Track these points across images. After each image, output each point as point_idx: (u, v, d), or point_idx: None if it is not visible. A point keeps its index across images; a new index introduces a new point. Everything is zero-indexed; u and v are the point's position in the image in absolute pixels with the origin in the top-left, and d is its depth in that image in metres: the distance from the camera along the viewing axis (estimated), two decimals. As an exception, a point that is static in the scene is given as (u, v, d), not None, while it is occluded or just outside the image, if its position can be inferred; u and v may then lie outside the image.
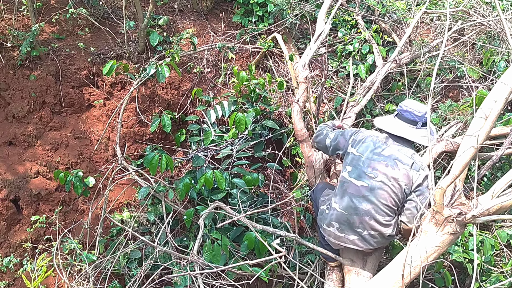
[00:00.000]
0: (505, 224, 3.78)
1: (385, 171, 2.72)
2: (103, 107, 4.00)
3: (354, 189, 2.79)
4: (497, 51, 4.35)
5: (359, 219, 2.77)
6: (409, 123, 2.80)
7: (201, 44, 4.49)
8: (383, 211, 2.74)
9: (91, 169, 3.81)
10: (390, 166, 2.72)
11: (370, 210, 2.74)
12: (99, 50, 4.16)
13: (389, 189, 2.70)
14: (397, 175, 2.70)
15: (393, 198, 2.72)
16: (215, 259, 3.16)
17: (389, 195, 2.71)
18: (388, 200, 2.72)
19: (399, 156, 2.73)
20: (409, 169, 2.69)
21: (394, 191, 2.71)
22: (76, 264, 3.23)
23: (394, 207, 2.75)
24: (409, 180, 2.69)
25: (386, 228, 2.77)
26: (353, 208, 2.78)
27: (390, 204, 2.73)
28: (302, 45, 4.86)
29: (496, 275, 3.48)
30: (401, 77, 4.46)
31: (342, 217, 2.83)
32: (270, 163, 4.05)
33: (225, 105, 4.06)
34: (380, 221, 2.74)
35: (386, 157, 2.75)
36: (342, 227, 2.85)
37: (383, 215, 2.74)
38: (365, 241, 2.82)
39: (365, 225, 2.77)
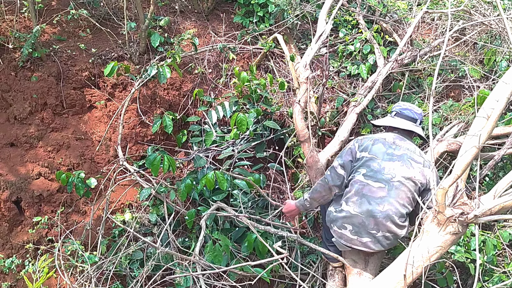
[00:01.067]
0: (508, 224, 3.77)
1: (401, 170, 2.74)
2: (105, 108, 4.00)
3: (371, 191, 2.76)
4: (498, 50, 4.35)
5: (375, 221, 2.73)
6: (410, 120, 2.89)
7: (202, 45, 4.49)
8: (400, 212, 2.73)
9: (93, 170, 3.82)
10: (406, 166, 2.75)
11: (388, 212, 2.71)
12: (101, 51, 4.16)
13: (406, 188, 2.73)
14: (412, 174, 2.74)
15: (409, 197, 2.75)
16: (217, 259, 3.16)
17: (405, 195, 2.74)
18: (405, 199, 2.74)
19: (412, 155, 2.79)
20: (422, 167, 2.76)
21: (411, 190, 2.74)
22: (78, 265, 3.23)
23: (409, 207, 2.77)
24: (424, 178, 2.76)
25: (401, 229, 2.77)
26: (370, 210, 2.73)
27: (406, 203, 2.75)
28: (303, 46, 4.86)
29: (498, 275, 3.47)
30: (402, 77, 4.46)
31: (357, 219, 2.77)
32: (272, 164, 4.05)
33: (226, 106, 4.06)
34: (397, 222, 2.73)
35: (399, 156, 2.78)
36: (355, 230, 2.79)
37: (400, 216, 2.73)
38: (378, 243, 2.77)
39: (380, 227, 2.73)
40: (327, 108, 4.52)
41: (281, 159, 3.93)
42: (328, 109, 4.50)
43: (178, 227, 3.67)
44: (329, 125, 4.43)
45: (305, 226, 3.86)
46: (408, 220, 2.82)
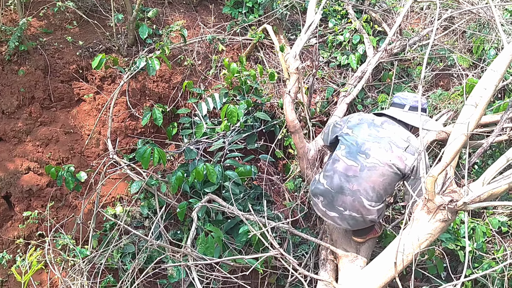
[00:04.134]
0: (496, 211, 3.82)
1: (378, 153, 2.72)
2: (93, 102, 3.96)
3: (344, 168, 2.80)
4: (487, 39, 4.37)
5: (343, 198, 2.77)
6: (397, 107, 2.88)
7: (191, 36, 4.45)
8: (368, 194, 2.73)
9: (83, 164, 3.79)
10: (384, 149, 2.72)
11: (356, 192, 2.74)
12: (88, 43, 4.11)
13: (380, 172, 2.71)
14: (390, 157, 2.70)
15: (382, 181, 2.71)
16: (209, 251, 3.17)
17: (378, 178, 2.71)
18: (376, 182, 2.72)
19: (394, 138, 2.74)
20: (403, 152, 2.69)
21: (385, 174, 2.70)
22: (70, 259, 3.21)
23: (381, 191, 2.74)
24: (402, 164, 2.69)
25: (369, 213, 2.76)
26: (340, 187, 2.78)
27: (378, 188, 2.72)
28: (292, 36, 4.85)
29: (488, 261, 3.51)
30: (392, 66, 4.47)
31: (327, 193, 2.85)
32: (263, 155, 4.05)
33: (216, 98, 4.05)
34: (364, 204, 2.73)
35: (380, 138, 2.76)
36: (325, 202, 2.87)
37: (369, 198, 2.73)
38: (345, 220, 2.82)
39: (348, 205, 2.77)
40: (318, 98, 4.52)
41: (271, 151, 3.93)
42: (319, 100, 4.50)
43: (170, 220, 3.67)
44: (320, 115, 4.43)
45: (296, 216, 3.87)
46: (381, 205, 2.79)
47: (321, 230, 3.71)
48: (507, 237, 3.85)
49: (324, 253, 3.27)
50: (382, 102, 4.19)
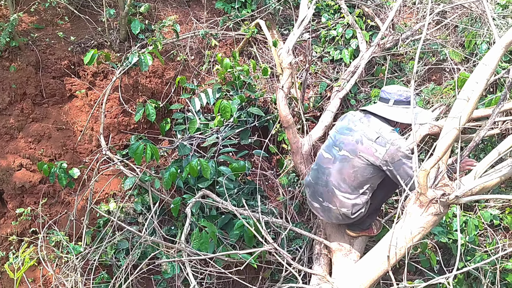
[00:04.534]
0: (488, 205, 3.85)
1: (351, 145, 2.75)
2: (85, 98, 3.94)
3: (321, 160, 2.92)
4: (479, 33, 4.38)
5: (321, 189, 2.89)
6: (382, 102, 2.83)
7: (183, 32, 4.43)
8: (341, 186, 2.77)
9: (75, 161, 3.77)
10: (355, 141, 2.74)
11: (328, 183, 2.82)
12: (80, 39, 4.08)
13: (351, 164, 2.73)
14: (360, 149, 2.71)
15: (353, 173, 2.73)
16: (204, 246, 3.17)
17: (349, 170, 2.74)
18: (346, 174, 2.75)
19: (367, 130, 2.74)
20: (372, 143, 2.68)
21: (356, 166, 2.71)
22: (63, 256, 3.21)
23: (353, 183, 2.75)
24: (372, 155, 2.68)
25: (343, 206, 2.80)
26: (318, 178, 2.92)
27: (348, 179, 2.75)
28: (285, 31, 4.84)
29: (480, 254, 3.55)
30: (384, 61, 4.48)
31: (310, 185, 3.00)
32: (257, 150, 4.05)
33: (209, 93, 4.04)
34: (336, 195, 2.79)
35: (355, 132, 2.78)
36: (310, 193, 3.03)
37: (341, 190, 2.78)
38: (325, 212, 2.93)
39: (325, 196, 2.87)
40: (311, 93, 4.52)
41: (265, 146, 3.93)
42: (312, 95, 4.51)
43: (164, 216, 3.67)
44: (313, 110, 4.44)
45: (291, 211, 3.88)
46: (358, 199, 2.78)
47: (315, 224, 3.72)
48: (499, 230, 3.88)
49: (318, 248, 3.28)
50: (375, 97, 4.20)
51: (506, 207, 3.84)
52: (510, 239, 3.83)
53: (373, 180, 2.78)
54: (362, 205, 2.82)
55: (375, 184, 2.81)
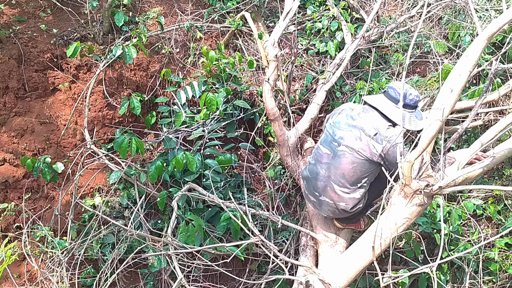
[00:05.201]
0: (472, 195, 3.91)
1: (349, 140, 2.75)
2: (69, 91, 3.89)
3: (319, 155, 2.91)
4: (462, 25, 4.42)
5: (318, 184, 2.89)
6: (391, 100, 2.78)
7: (168, 24, 4.40)
8: (339, 181, 2.79)
9: (59, 155, 3.73)
10: (354, 137, 2.74)
11: (327, 178, 2.83)
12: (62, 31, 4.02)
13: (349, 159, 2.73)
14: (359, 145, 2.71)
15: (352, 168, 2.74)
16: (190, 240, 3.17)
17: (347, 165, 2.74)
18: (346, 169, 2.75)
19: (365, 126, 2.74)
20: (369, 139, 2.70)
21: (354, 161, 2.73)
22: (48, 251, 3.18)
23: (351, 178, 2.77)
24: (370, 151, 2.69)
25: (341, 200, 2.82)
26: (315, 173, 2.91)
27: (347, 174, 2.76)
28: (271, 23, 4.83)
29: (463, 244, 3.61)
30: (369, 53, 4.50)
31: (308, 178, 3.01)
32: (243, 143, 4.05)
33: (195, 86, 4.02)
34: (335, 190, 2.81)
35: (354, 126, 2.77)
36: (307, 187, 3.04)
37: (339, 184, 2.79)
38: (321, 206, 2.94)
39: (321, 191, 2.88)
40: (297, 86, 4.53)
41: (251, 139, 3.93)
42: (298, 87, 4.51)
43: (150, 210, 3.65)
44: (299, 103, 4.45)
45: (278, 204, 3.90)
46: (356, 193, 2.81)
47: (301, 216, 3.74)
48: (482, 220, 3.95)
49: (305, 239, 3.31)
50: (360, 89, 4.22)
51: (489, 197, 3.91)
52: (493, 229, 3.90)
53: (371, 175, 2.80)
54: (360, 199, 2.84)
55: (372, 178, 2.83)
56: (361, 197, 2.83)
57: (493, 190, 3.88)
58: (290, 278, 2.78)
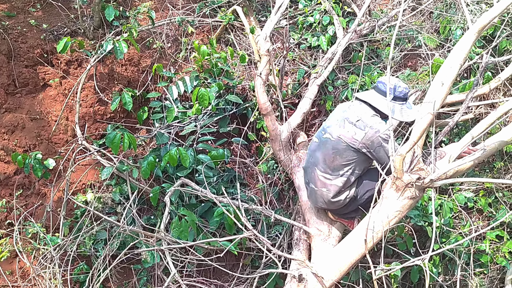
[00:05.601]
0: (463, 188, 3.94)
1: (333, 128, 2.85)
2: (60, 87, 3.86)
3: (311, 146, 3.07)
4: (453, 19, 4.44)
5: (308, 172, 3.05)
6: (381, 94, 2.83)
7: (159, 19, 4.37)
8: (322, 166, 2.90)
9: (50, 151, 3.70)
10: (338, 125, 2.82)
11: (312, 164, 2.98)
12: (52, 27, 3.98)
13: (331, 145, 2.83)
14: (341, 131, 2.79)
15: (332, 154, 2.82)
16: (183, 235, 3.17)
17: (329, 151, 2.84)
18: (327, 155, 2.86)
19: (349, 115, 2.81)
20: (351, 126, 2.76)
21: (335, 148, 2.80)
22: (41, 247, 3.16)
23: (332, 164, 2.84)
24: (351, 137, 2.75)
25: (323, 185, 2.91)
26: (308, 162, 3.05)
27: (328, 160, 2.85)
28: (263, 18, 4.81)
29: (455, 236, 3.64)
30: (361, 47, 4.50)
31: (305, 169, 3.13)
32: (236, 138, 4.04)
33: (187, 81, 4.00)
34: (318, 176, 2.93)
35: (341, 116, 2.85)
36: (304, 177, 3.17)
37: (321, 170, 2.91)
38: (311, 195, 3.06)
39: (311, 179, 3.01)
40: (289, 80, 4.53)
41: (244, 134, 3.93)
42: (290, 82, 4.51)
43: (143, 205, 3.64)
44: (291, 97, 4.45)
45: (271, 198, 3.90)
46: (337, 180, 2.86)
47: (294, 210, 3.75)
48: (473, 212, 3.98)
49: (297, 233, 3.32)
50: (352, 83, 4.23)
51: (480, 190, 3.94)
52: (484, 221, 3.94)
53: (354, 165, 2.82)
54: (342, 188, 2.87)
55: (356, 168, 2.85)
56: (343, 186, 2.87)
57: (484, 183, 3.91)
58: (283, 272, 2.79)
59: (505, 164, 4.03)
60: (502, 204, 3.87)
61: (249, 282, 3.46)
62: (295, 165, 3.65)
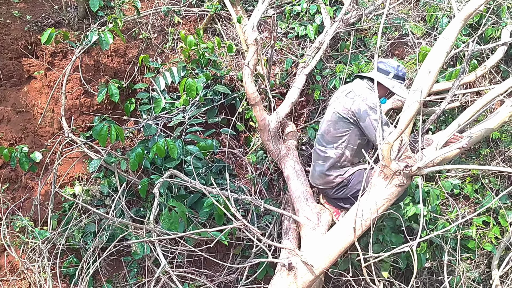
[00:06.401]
0: (449, 175, 3.99)
1: (332, 102, 3.12)
2: (45, 78, 3.80)
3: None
4: (439, 7, 4.45)
5: (313, 150, 3.26)
6: (382, 73, 3.03)
7: (145, 8, 4.32)
8: (319, 140, 3.16)
9: (37, 144, 3.66)
10: (336, 97, 3.10)
11: (316, 140, 3.23)
12: (36, 18, 3.91)
13: (327, 118, 3.08)
14: (335, 105, 3.03)
15: (327, 126, 3.06)
16: (173, 226, 3.17)
17: (325, 123, 3.09)
18: (323, 128, 3.11)
19: (345, 88, 3.06)
20: (344, 97, 2.98)
21: (330, 120, 3.04)
22: (29, 241, 3.14)
23: (327, 136, 3.06)
24: (342, 107, 2.95)
25: (318, 157, 3.14)
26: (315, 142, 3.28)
27: (324, 132, 3.08)
28: (250, 7, 4.78)
29: (442, 222, 3.69)
30: (349, 36, 4.50)
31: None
32: (224, 129, 4.03)
33: (174, 71, 3.97)
34: (316, 149, 3.18)
35: (340, 93, 3.08)
36: None
37: (318, 143, 3.16)
38: (312, 172, 3.25)
39: (313, 157, 3.25)
40: (277, 70, 4.51)
41: (233, 124, 3.92)
42: (278, 71, 4.50)
43: (132, 197, 3.63)
44: (279, 87, 4.44)
45: (260, 188, 3.91)
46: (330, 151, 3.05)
47: (283, 200, 3.77)
48: (460, 199, 4.04)
49: (287, 223, 3.34)
50: (340, 72, 4.24)
51: (467, 177, 4.00)
52: (470, 207, 4.00)
53: (348, 138, 2.99)
54: (336, 162, 3.04)
55: (350, 142, 2.99)
56: (338, 160, 3.04)
57: (471, 170, 3.96)
58: (274, 261, 2.81)
59: (491, 151, 4.08)
60: (488, 190, 3.93)
61: (240, 272, 3.48)
62: (284, 155, 3.66)
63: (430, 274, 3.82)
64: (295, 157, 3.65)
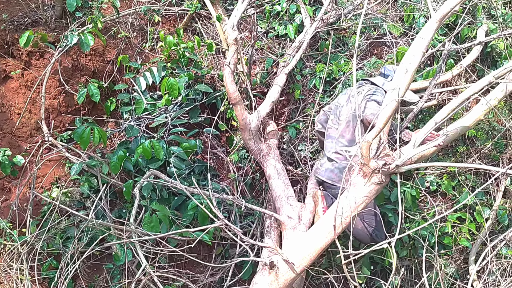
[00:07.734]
0: (427, 172, 4.06)
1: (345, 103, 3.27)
2: (21, 78, 3.73)
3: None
4: (416, 7, 4.53)
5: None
6: (383, 77, 3.29)
7: (124, 8, 4.27)
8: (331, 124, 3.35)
9: (14, 145, 3.59)
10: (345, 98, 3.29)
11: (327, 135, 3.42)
12: (12, 17, 3.84)
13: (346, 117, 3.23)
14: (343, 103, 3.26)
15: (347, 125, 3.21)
16: (154, 230, 3.11)
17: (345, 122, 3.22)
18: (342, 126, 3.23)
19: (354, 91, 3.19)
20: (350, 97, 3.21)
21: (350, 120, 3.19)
22: (7, 244, 3.08)
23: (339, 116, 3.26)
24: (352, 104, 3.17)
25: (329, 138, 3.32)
26: None
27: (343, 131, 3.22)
28: (230, 6, 4.78)
29: (419, 220, 3.75)
30: (328, 36, 4.54)
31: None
32: (207, 128, 4.02)
33: (154, 71, 3.94)
34: (328, 132, 3.35)
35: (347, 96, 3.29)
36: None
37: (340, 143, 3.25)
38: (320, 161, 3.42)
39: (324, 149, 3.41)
40: (257, 69, 4.53)
41: (214, 124, 3.91)
42: (259, 71, 4.51)
43: (114, 199, 3.58)
44: (260, 86, 4.45)
45: (243, 188, 3.91)
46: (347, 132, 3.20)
47: (265, 199, 3.78)
48: (437, 196, 4.11)
49: (269, 221, 3.35)
50: (320, 72, 4.27)
51: (444, 174, 4.07)
52: (448, 204, 4.07)
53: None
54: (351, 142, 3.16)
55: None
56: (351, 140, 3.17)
57: (448, 167, 4.04)
58: (255, 260, 2.82)
59: (467, 149, 4.16)
60: (464, 187, 4.01)
61: (224, 273, 3.48)
62: (265, 154, 3.67)
63: (409, 271, 3.88)
64: (276, 156, 3.67)
